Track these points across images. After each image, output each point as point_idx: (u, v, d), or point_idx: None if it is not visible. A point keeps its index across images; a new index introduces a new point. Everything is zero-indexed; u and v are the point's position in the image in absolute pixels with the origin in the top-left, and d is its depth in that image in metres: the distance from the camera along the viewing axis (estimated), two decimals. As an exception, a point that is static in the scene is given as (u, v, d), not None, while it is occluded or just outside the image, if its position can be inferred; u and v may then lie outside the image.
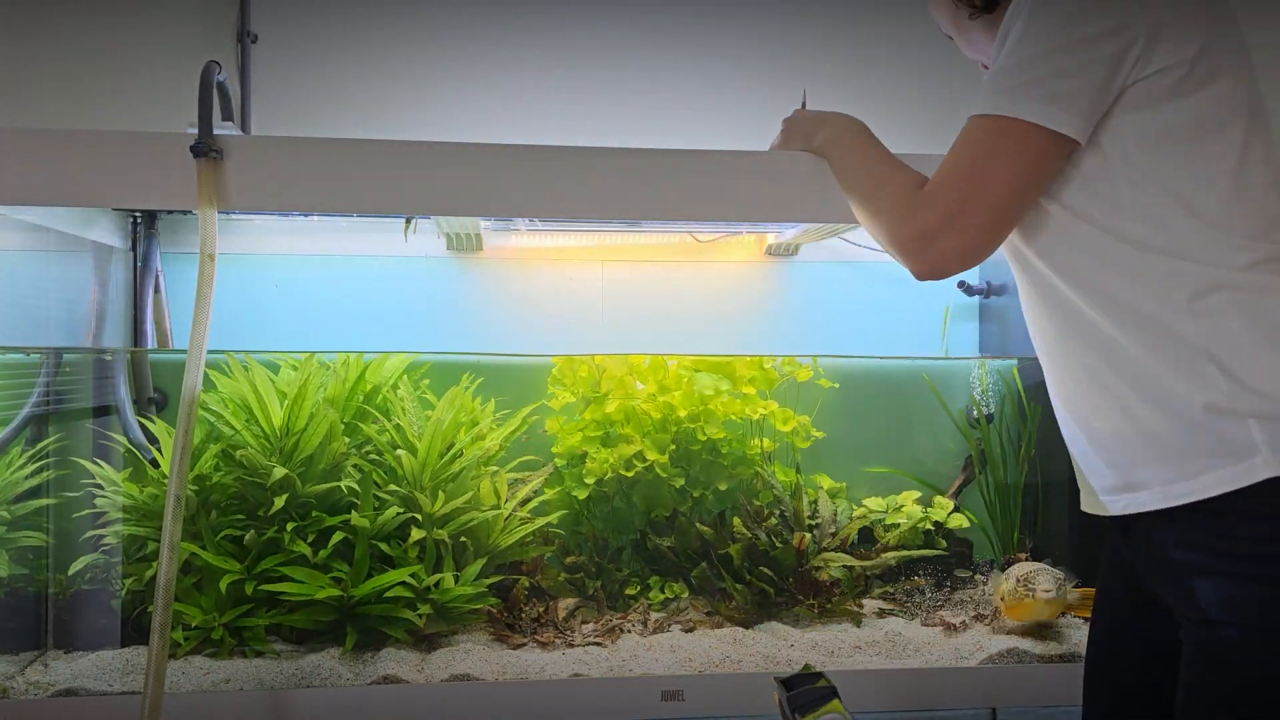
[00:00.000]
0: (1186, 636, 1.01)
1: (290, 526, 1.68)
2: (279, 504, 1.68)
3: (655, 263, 2.14)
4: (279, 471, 1.70)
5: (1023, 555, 1.94)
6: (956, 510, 2.03)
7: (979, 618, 1.83)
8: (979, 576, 2.00)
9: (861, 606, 1.88)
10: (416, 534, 1.72)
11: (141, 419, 1.83)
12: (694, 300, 2.16)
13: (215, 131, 1.42)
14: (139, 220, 1.93)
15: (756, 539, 1.87)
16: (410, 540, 1.71)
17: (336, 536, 1.69)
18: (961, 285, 2.13)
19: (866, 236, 2.09)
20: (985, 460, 2.07)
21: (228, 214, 1.54)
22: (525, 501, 1.87)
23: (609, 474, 1.92)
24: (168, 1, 2.08)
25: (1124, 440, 1.03)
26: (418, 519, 1.74)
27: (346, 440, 1.79)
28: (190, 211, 1.49)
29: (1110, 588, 1.18)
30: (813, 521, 1.94)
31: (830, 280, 2.19)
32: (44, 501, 1.78)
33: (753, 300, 2.19)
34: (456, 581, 1.74)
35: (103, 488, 1.73)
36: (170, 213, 1.91)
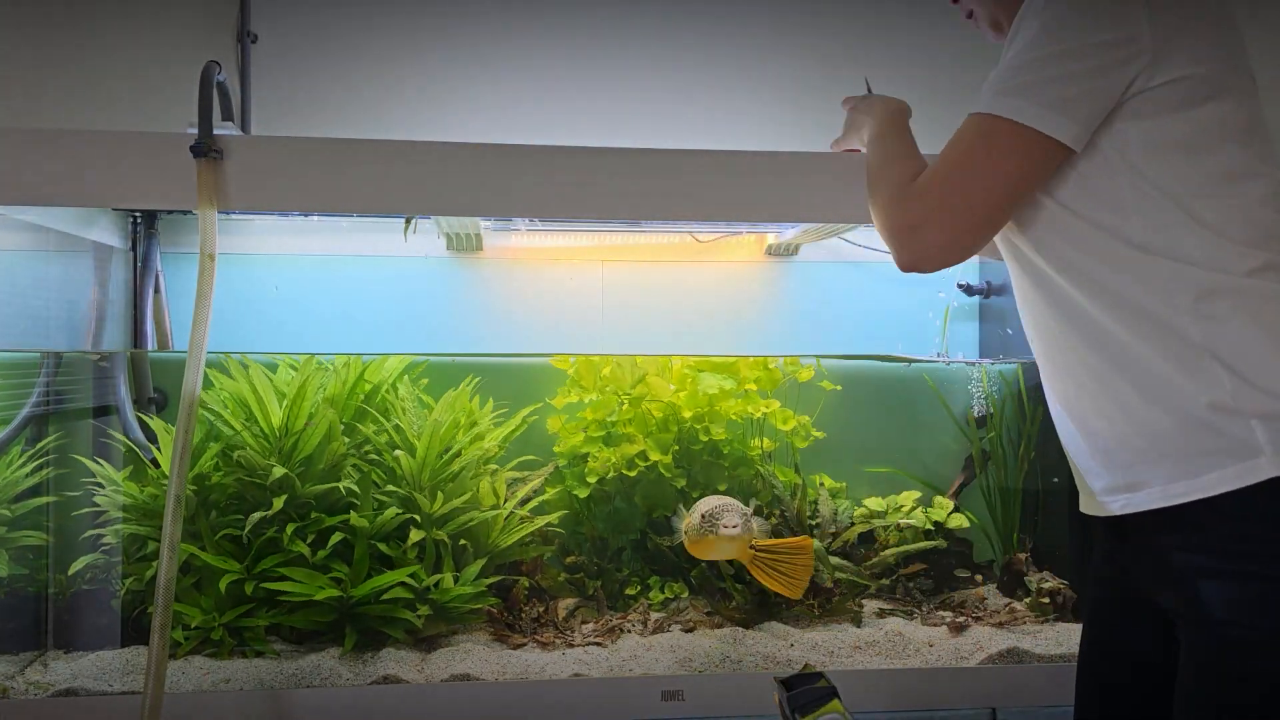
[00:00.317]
0: (1187, 638, 1.00)
1: (290, 528, 1.68)
2: (278, 505, 1.68)
3: (655, 263, 2.14)
4: (278, 471, 1.70)
5: (1022, 555, 1.94)
6: (956, 510, 2.03)
7: (978, 618, 1.83)
8: (978, 577, 2.00)
9: (861, 606, 1.88)
10: (416, 534, 1.72)
11: (141, 417, 1.83)
12: (694, 300, 2.15)
13: (215, 131, 1.42)
14: (139, 220, 1.93)
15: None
16: (410, 540, 1.71)
17: (335, 537, 1.69)
18: (962, 285, 2.13)
19: (866, 236, 2.10)
20: (987, 460, 2.07)
21: (228, 214, 1.54)
22: (525, 501, 1.87)
23: (610, 473, 1.92)
24: (168, 1, 2.08)
25: (1124, 439, 1.03)
26: (416, 520, 1.74)
27: (346, 441, 1.79)
28: (190, 211, 1.49)
29: (1101, 591, 1.18)
30: (813, 521, 1.94)
31: (830, 280, 2.19)
32: (44, 500, 1.78)
33: (753, 300, 2.19)
34: (456, 582, 1.74)
35: (103, 487, 1.73)
36: (170, 213, 1.91)
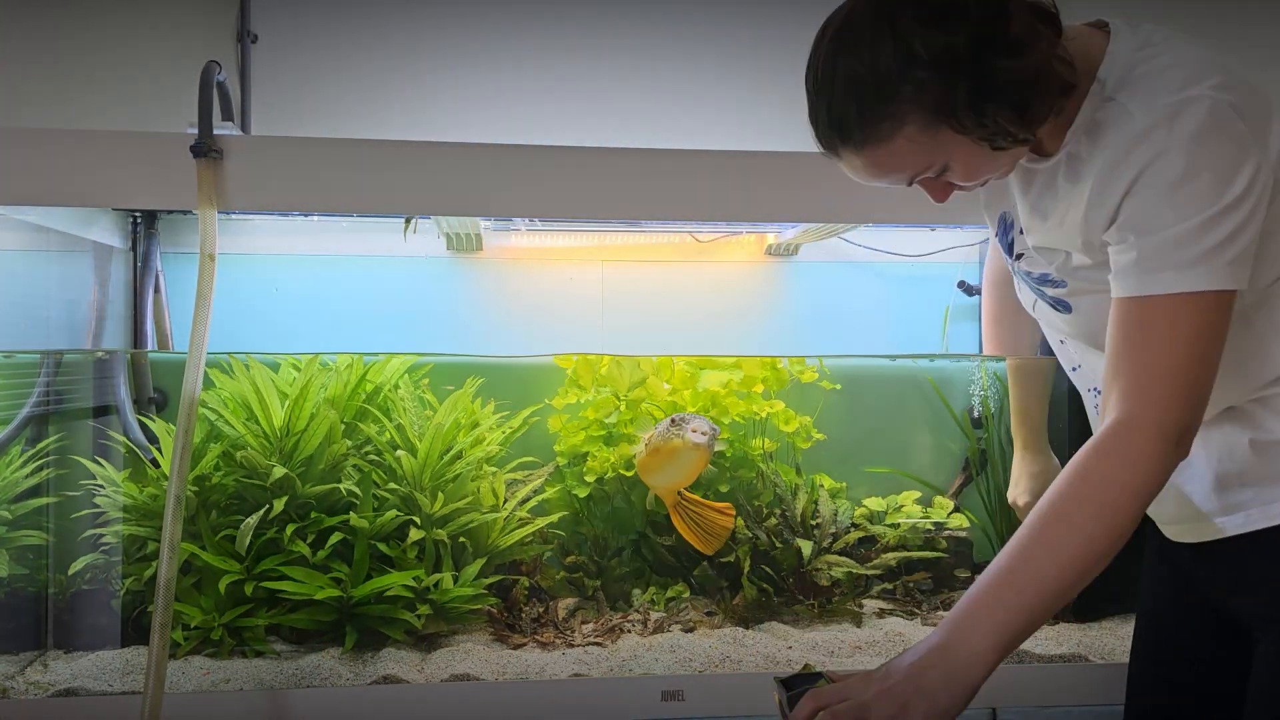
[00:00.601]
0: (1272, 641, 1.05)
1: (290, 528, 1.68)
2: (278, 506, 1.68)
3: (655, 263, 2.14)
4: (279, 472, 1.70)
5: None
6: (956, 510, 2.03)
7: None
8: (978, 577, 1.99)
9: (861, 606, 1.88)
10: (415, 534, 1.72)
11: (141, 418, 1.83)
12: (694, 300, 2.15)
13: (215, 131, 1.43)
14: (139, 220, 1.93)
15: (756, 539, 1.86)
16: (409, 540, 1.71)
17: (335, 537, 1.69)
18: (961, 285, 2.13)
19: (866, 236, 2.10)
20: (985, 460, 2.07)
21: (228, 214, 1.54)
22: (525, 501, 1.87)
23: (610, 473, 1.91)
24: (168, 1, 2.08)
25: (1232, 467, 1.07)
26: (416, 520, 1.74)
27: (347, 442, 1.79)
28: (190, 211, 1.49)
29: (1157, 599, 1.22)
30: (813, 521, 1.94)
31: (830, 280, 2.19)
32: (44, 501, 1.78)
33: (753, 300, 2.19)
34: (456, 582, 1.74)
35: (103, 487, 1.73)
36: (170, 213, 1.91)
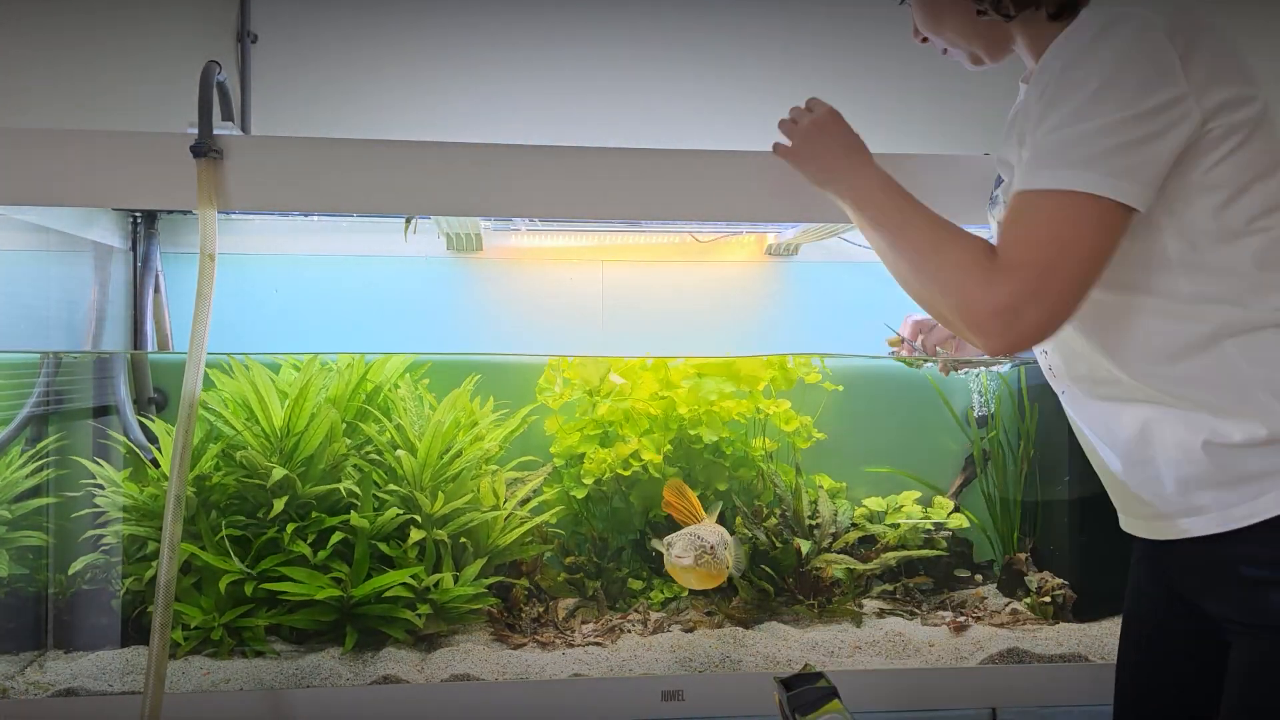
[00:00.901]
0: (1240, 642, 1.03)
1: (290, 527, 1.68)
2: (279, 507, 1.68)
3: (655, 263, 2.14)
4: (279, 472, 1.70)
5: (1022, 555, 1.94)
6: (956, 510, 2.03)
7: (979, 618, 1.83)
8: (978, 577, 2.00)
9: (861, 606, 1.88)
10: (416, 534, 1.72)
11: (141, 418, 1.83)
12: (694, 300, 2.15)
13: (215, 131, 1.42)
14: (139, 220, 1.93)
15: (756, 539, 1.86)
16: (410, 540, 1.71)
17: (336, 537, 1.69)
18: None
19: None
20: (987, 459, 2.07)
21: (228, 214, 1.54)
22: (525, 501, 1.87)
23: (607, 474, 1.91)
24: (168, 1, 2.08)
25: (1187, 467, 1.05)
26: (417, 520, 1.74)
27: (347, 441, 1.79)
28: (190, 211, 1.49)
29: (1143, 601, 1.21)
30: (813, 521, 1.94)
31: (830, 280, 2.19)
32: (44, 501, 1.78)
33: (753, 300, 2.19)
34: (456, 582, 1.74)
35: (103, 487, 1.73)
36: (170, 213, 1.91)
